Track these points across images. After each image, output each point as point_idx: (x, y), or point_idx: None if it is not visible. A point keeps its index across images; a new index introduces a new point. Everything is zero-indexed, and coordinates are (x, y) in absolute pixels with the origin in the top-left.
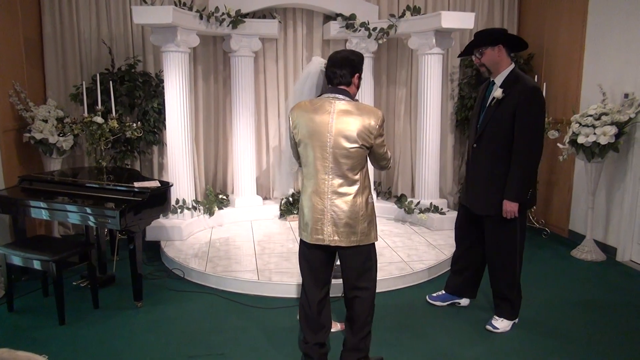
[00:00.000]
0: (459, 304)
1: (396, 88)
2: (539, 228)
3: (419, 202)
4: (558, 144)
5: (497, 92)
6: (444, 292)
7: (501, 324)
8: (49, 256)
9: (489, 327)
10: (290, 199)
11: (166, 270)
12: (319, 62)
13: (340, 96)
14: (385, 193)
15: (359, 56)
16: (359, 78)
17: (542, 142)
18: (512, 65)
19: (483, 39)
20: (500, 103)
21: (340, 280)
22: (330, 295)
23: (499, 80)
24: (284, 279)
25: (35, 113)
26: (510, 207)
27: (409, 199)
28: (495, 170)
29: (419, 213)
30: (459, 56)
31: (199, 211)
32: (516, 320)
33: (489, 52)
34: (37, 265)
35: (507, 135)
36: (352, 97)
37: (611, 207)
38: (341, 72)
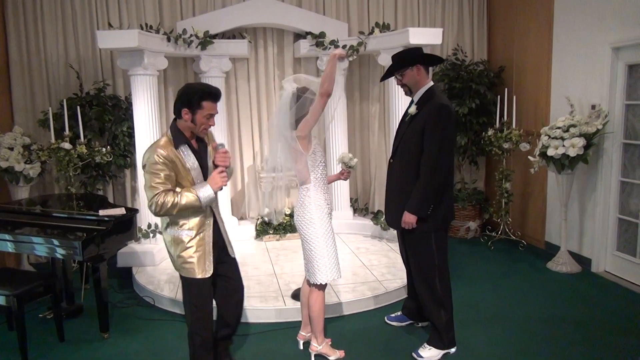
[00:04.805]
0: (418, 324)
1: (369, 104)
2: (516, 240)
3: None
4: (529, 157)
5: (412, 109)
6: (400, 313)
7: (427, 353)
8: (10, 290)
9: (414, 354)
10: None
11: (137, 298)
12: (291, 86)
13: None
14: (362, 210)
15: (188, 88)
16: (190, 112)
17: (449, 159)
18: (430, 84)
19: (402, 61)
20: (413, 119)
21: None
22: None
23: (416, 97)
24: (255, 303)
25: (0, 141)
26: (408, 219)
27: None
28: (406, 185)
29: None
30: (381, 80)
31: None
32: (451, 350)
33: (408, 73)
34: None
35: (417, 151)
36: (174, 129)
37: (584, 218)
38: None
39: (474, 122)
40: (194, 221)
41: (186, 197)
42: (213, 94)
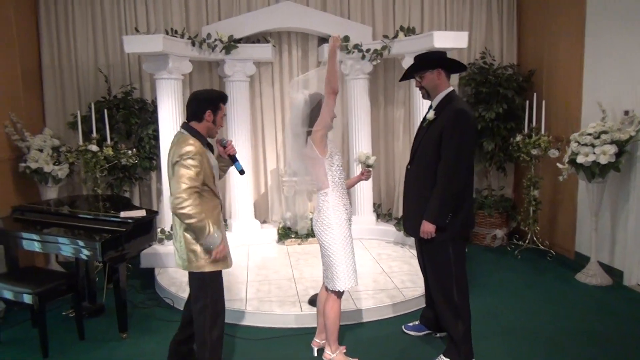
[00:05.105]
0: (436, 335)
1: (394, 108)
2: (544, 250)
3: None
4: (557, 164)
5: (430, 114)
6: (418, 322)
7: None
8: (32, 289)
9: None
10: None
11: (157, 299)
12: (303, 94)
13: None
14: (385, 215)
15: (207, 94)
16: (212, 114)
17: (466, 165)
18: (450, 89)
19: (423, 62)
20: (431, 125)
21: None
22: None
23: (435, 103)
24: (273, 308)
25: (31, 143)
26: (426, 228)
27: None
28: (423, 191)
29: None
30: (400, 80)
31: None
32: None
33: (428, 76)
34: (16, 297)
35: (434, 158)
36: (192, 130)
37: (616, 228)
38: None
39: (501, 127)
40: (214, 219)
41: (205, 225)
42: (226, 97)
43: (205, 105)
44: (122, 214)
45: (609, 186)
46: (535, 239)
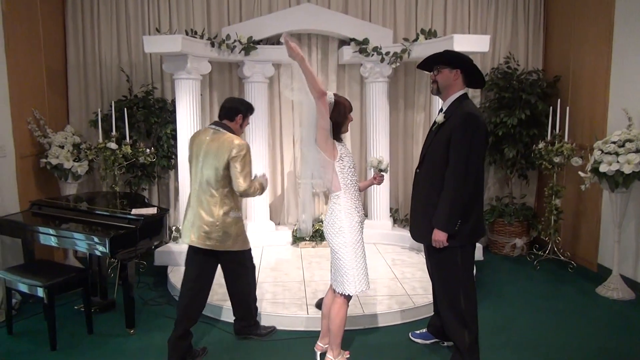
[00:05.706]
0: (443, 343)
1: (414, 113)
2: (565, 261)
3: None
4: (579, 172)
5: (439, 117)
6: (426, 330)
7: None
8: (42, 282)
9: None
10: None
11: (168, 297)
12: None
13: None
14: (402, 220)
15: (247, 103)
16: (242, 119)
17: (476, 170)
18: (462, 92)
19: (445, 57)
20: (441, 128)
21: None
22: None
23: (445, 105)
24: (279, 310)
25: (53, 139)
26: (437, 237)
27: None
28: (432, 196)
29: None
30: (417, 67)
31: None
32: None
33: (445, 72)
34: (29, 289)
35: (443, 162)
36: (228, 128)
37: None
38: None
39: (523, 133)
40: (239, 204)
41: (259, 185)
42: (253, 111)
43: (239, 109)
44: (134, 211)
45: (634, 197)
46: (555, 249)
